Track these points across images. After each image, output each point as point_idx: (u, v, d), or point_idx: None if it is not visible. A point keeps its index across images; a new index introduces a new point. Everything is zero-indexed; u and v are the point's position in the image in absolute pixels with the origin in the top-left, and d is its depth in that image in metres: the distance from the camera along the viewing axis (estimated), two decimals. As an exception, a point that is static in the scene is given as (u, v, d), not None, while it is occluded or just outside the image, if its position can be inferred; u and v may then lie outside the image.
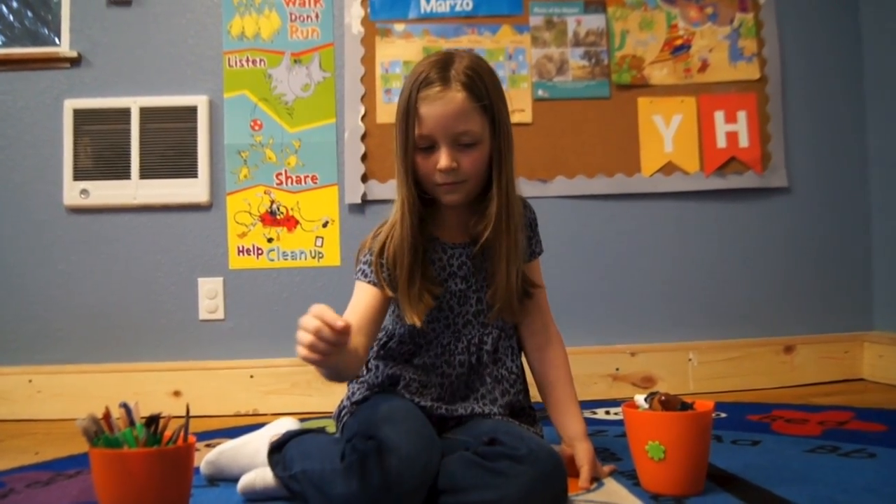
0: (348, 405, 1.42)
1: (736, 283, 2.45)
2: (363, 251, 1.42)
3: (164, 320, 2.35)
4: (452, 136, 1.31)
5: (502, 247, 1.37)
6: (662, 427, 1.23)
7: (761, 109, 2.45)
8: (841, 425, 1.75)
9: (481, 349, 1.42)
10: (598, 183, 2.40)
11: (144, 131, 2.33)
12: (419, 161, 1.34)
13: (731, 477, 1.35)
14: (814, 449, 1.53)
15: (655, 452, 1.23)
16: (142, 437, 1.11)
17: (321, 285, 2.37)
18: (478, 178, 1.36)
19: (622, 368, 2.36)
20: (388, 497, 1.11)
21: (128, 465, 1.07)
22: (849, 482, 1.28)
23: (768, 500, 1.20)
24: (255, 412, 2.27)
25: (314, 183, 2.36)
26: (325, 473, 1.17)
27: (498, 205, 1.36)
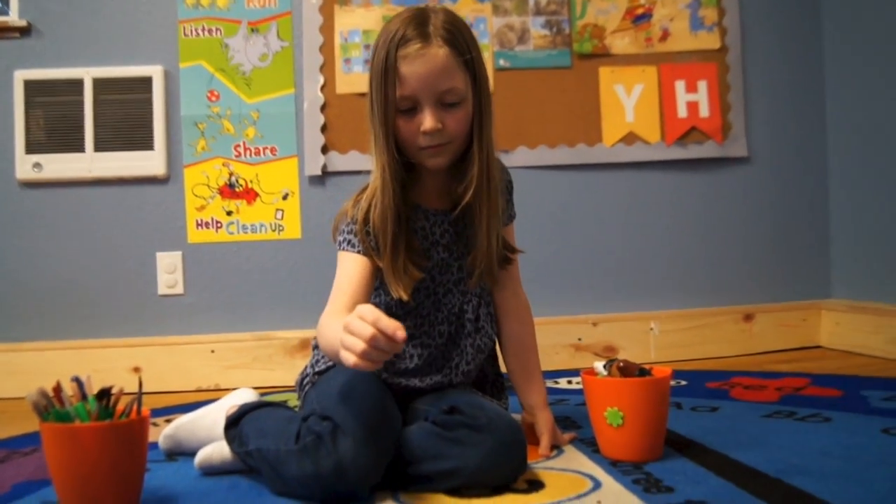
0: (311, 374, 1.38)
1: (697, 253, 2.47)
2: (343, 220, 1.35)
3: (123, 296, 2.31)
4: (437, 95, 1.25)
5: (483, 210, 1.32)
6: (620, 393, 1.23)
7: (722, 79, 2.46)
8: (798, 391, 1.78)
9: (462, 317, 1.38)
10: (560, 153, 2.40)
11: (98, 103, 2.28)
12: (400, 124, 1.27)
13: (689, 442, 1.36)
14: (771, 414, 1.56)
15: (614, 419, 1.23)
16: (94, 411, 1.09)
17: (282, 259, 2.34)
18: (462, 138, 1.30)
19: (584, 338, 2.37)
20: (342, 480, 1.09)
21: (79, 439, 1.05)
22: (804, 445, 1.30)
23: (725, 464, 1.21)
24: (216, 387, 2.24)
25: (273, 155, 2.33)
26: (279, 454, 1.16)
27: (479, 166, 1.30)
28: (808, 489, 1.06)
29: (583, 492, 1.11)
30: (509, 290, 1.47)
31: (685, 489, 1.09)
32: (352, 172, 2.33)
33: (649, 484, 1.13)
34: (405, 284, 1.29)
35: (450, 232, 1.37)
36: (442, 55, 1.24)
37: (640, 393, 1.23)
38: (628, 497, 1.08)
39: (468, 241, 1.37)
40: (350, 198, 1.36)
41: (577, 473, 1.21)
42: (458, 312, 1.38)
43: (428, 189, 1.37)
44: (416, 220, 1.35)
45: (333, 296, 1.29)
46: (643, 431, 1.24)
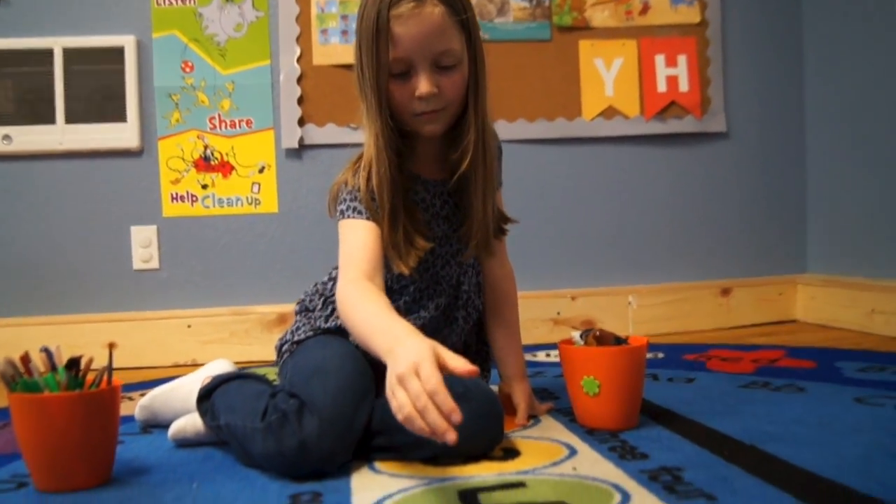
0: (290, 341, 1.36)
1: (675, 227, 2.48)
2: (343, 189, 1.28)
3: (97, 271, 2.28)
4: (432, 57, 1.18)
5: (479, 178, 1.27)
6: (597, 362, 1.23)
7: (701, 54, 2.45)
8: (773, 363, 1.79)
9: (459, 290, 1.35)
10: (539, 127, 2.39)
11: (69, 73, 2.24)
12: (393, 89, 1.21)
13: (665, 411, 1.36)
14: (746, 385, 1.57)
15: (590, 387, 1.24)
16: (63, 381, 1.08)
17: (259, 232, 2.32)
18: (457, 103, 1.24)
19: (563, 312, 2.38)
20: (306, 460, 1.08)
21: (48, 409, 1.04)
22: (778, 414, 1.31)
23: (701, 432, 1.22)
24: (193, 362, 2.23)
25: (249, 127, 2.30)
26: (246, 430, 1.14)
27: (475, 132, 1.25)
28: (782, 455, 1.07)
29: (558, 459, 1.11)
30: (497, 259, 1.45)
31: (660, 456, 1.10)
32: (329, 146, 2.31)
33: (625, 451, 1.13)
34: (407, 259, 1.23)
35: (449, 203, 1.33)
36: (437, 14, 1.17)
37: (616, 361, 1.23)
38: (604, 464, 1.08)
39: (465, 212, 1.32)
40: (344, 168, 1.30)
41: (553, 441, 1.21)
42: (455, 285, 1.36)
43: (423, 158, 1.31)
44: (416, 192, 1.30)
45: (347, 264, 1.22)
46: (619, 400, 1.24)
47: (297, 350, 1.32)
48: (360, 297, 1.13)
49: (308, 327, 1.35)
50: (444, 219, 1.33)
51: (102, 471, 1.09)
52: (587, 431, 1.26)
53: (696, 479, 0.99)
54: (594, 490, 0.98)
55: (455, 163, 1.27)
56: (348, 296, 1.16)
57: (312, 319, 1.37)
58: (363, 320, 1.09)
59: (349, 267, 1.20)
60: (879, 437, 1.14)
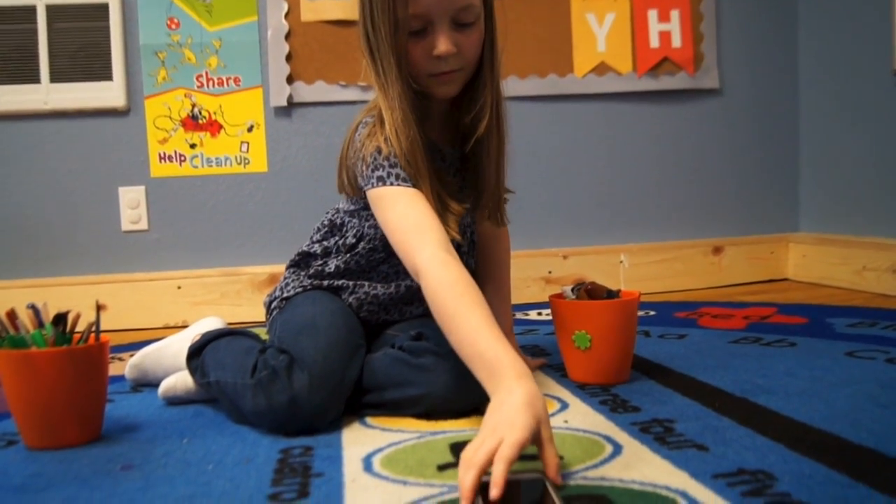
0: (279, 297, 1.34)
1: (667, 186, 2.47)
2: (375, 156, 1.17)
3: (85, 232, 2.26)
4: (452, 13, 1.12)
5: (493, 144, 1.23)
6: (588, 316, 1.23)
7: (694, 8, 2.43)
8: (764, 319, 1.80)
9: (460, 250, 1.29)
10: (531, 84, 2.37)
11: (52, 31, 2.20)
12: (409, 48, 1.14)
13: (656, 366, 1.37)
14: (738, 340, 1.57)
15: (581, 342, 1.23)
16: (50, 337, 1.07)
17: (248, 192, 2.31)
18: (474, 64, 1.18)
19: (555, 271, 2.38)
20: (296, 416, 1.07)
21: (35, 365, 1.03)
22: (769, 368, 1.32)
23: (692, 385, 1.22)
24: (183, 324, 2.22)
25: (237, 85, 2.27)
26: (236, 387, 1.14)
27: (492, 94, 1.19)
28: (772, 406, 1.08)
29: (550, 413, 1.11)
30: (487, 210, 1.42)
31: (651, 408, 1.10)
32: (319, 103, 2.28)
33: (616, 404, 1.13)
34: (449, 223, 1.16)
35: (460, 171, 1.29)
36: None
37: (607, 315, 1.23)
38: (595, 416, 1.08)
39: (473, 179, 1.28)
40: (363, 131, 1.21)
41: (545, 396, 1.20)
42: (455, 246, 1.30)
43: (435, 123, 1.26)
44: (435, 159, 1.24)
45: (420, 235, 1.10)
46: (610, 354, 1.24)
47: (287, 306, 1.31)
48: (462, 294, 1.03)
49: (297, 283, 1.34)
50: (457, 187, 1.29)
51: (92, 427, 1.09)
52: (578, 386, 1.26)
53: (688, 430, 1.00)
54: (586, 441, 0.98)
55: (468, 127, 1.22)
56: (443, 283, 1.05)
57: (301, 277, 1.35)
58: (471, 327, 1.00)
59: (425, 239, 1.10)
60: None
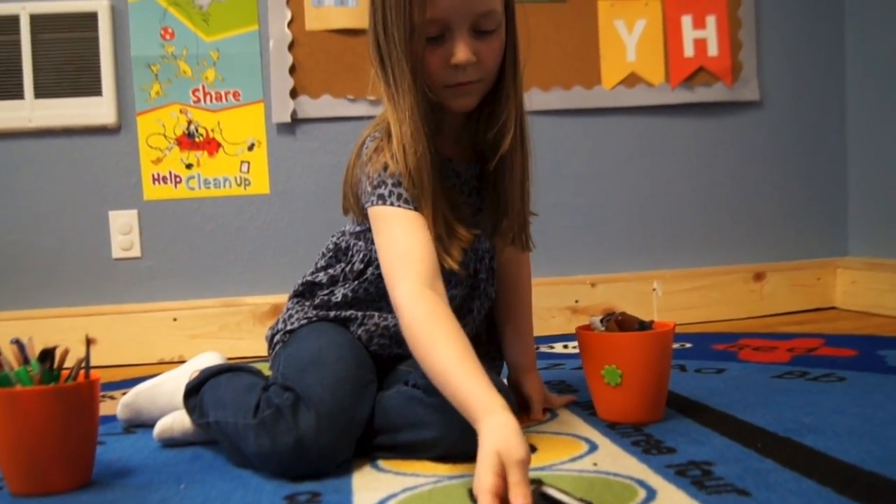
0: (282, 331, 1.35)
1: (703, 207, 2.48)
2: (380, 173, 1.18)
3: (73, 260, 2.29)
4: (472, 19, 1.13)
5: (517, 159, 1.24)
6: (619, 349, 1.23)
7: (732, 14, 2.45)
8: (810, 352, 1.80)
9: (476, 278, 1.33)
10: (555, 96, 2.39)
11: (37, 43, 2.25)
12: (423, 54, 1.15)
13: (692, 403, 1.37)
14: (781, 375, 1.57)
15: (612, 377, 1.24)
16: (37, 374, 1.08)
17: (249, 216, 2.33)
18: (494, 75, 1.20)
19: (582, 300, 2.38)
20: (303, 457, 1.08)
21: (21, 405, 1.04)
22: (816, 405, 1.31)
23: (731, 424, 1.22)
24: (180, 359, 2.23)
25: (236, 100, 2.31)
26: (238, 427, 1.15)
27: (516, 108, 1.20)
28: (820, 447, 1.08)
29: (577, 454, 1.12)
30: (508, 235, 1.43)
31: (688, 449, 1.10)
32: (325, 119, 2.31)
33: (649, 445, 1.14)
34: (453, 250, 1.18)
35: (475, 191, 1.31)
36: None
37: (639, 348, 1.23)
38: (627, 459, 1.09)
39: (497, 197, 1.29)
40: (370, 146, 1.22)
41: (572, 436, 1.22)
42: (472, 274, 1.32)
43: (447, 138, 1.27)
44: (447, 178, 1.26)
45: (404, 266, 1.13)
46: (643, 390, 1.24)
47: (291, 340, 1.32)
48: (434, 329, 1.07)
49: (301, 315, 1.34)
50: (470, 207, 1.31)
51: (81, 472, 1.10)
52: (608, 425, 1.26)
53: (728, 473, 1.00)
54: (617, 486, 0.99)
55: (490, 143, 1.23)
56: (416, 318, 1.08)
57: (306, 307, 1.36)
58: (442, 365, 1.04)
59: (408, 271, 1.12)
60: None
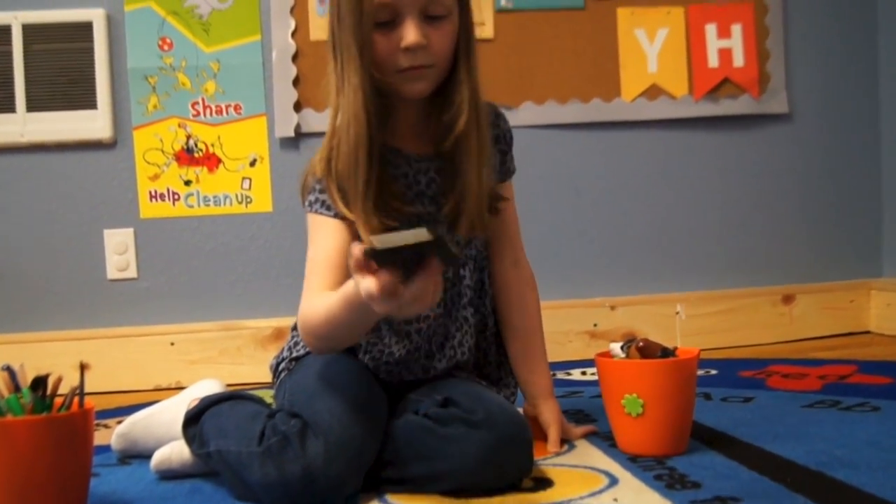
0: (287, 358, 1.38)
1: (729, 225, 2.48)
2: (310, 175, 1.32)
3: (66, 281, 2.31)
4: (422, 4, 1.22)
5: (473, 143, 1.29)
6: (640, 377, 1.24)
7: (759, 22, 2.46)
8: (843, 379, 1.80)
9: (460, 284, 1.37)
10: (572, 109, 2.40)
11: (30, 54, 2.27)
12: (375, 40, 1.23)
13: (718, 434, 1.37)
14: (812, 404, 1.57)
15: (633, 407, 1.24)
16: (28, 403, 1.09)
17: (251, 235, 2.35)
18: (446, 61, 1.28)
19: (601, 324, 2.39)
20: (311, 489, 1.09)
21: (12, 435, 1.05)
22: (849, 436, 1.31)
23: (760, 457, 1.22)
24: (177, 385, 2.24)
25: (238, 113, 2.33)
26: (241, 456, 1.16)
27: (469, 93, 1.28)
28: (853, 482, 1.07)
29: (597, 489, 1.12)
30: (508, 258, 1.46)
31: (714, 484, 1.10)
32: (330, 133, 2.33)
33: (673, 479, 1.14)
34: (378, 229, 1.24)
35: (436, 181, 1.35)
36: None
37: (662, 376, 1.24)
38: (649, 494, 1.09)
39: (455, 185, 1.33)
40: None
41: (591, 470, 1.22)
42: (452, 279, 1.36)
43: (402, 128, 1.34)
44: (396, 167, 1.32)
45: (312, 275, 1.27)
46: (666, 421, 1.25)
47: (297, 367, 1.34)
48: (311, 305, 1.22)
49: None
50: (431, 199, 1.34)
51: (75, 506, 1.10)
52: (629, 458, 1.26)
53: (756, 510, 1.00)
54: (637, 523, 0.99)
55: (445, 127, 1.30)
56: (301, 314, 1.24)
57: None
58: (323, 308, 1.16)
59: (313, 279, 1.26)
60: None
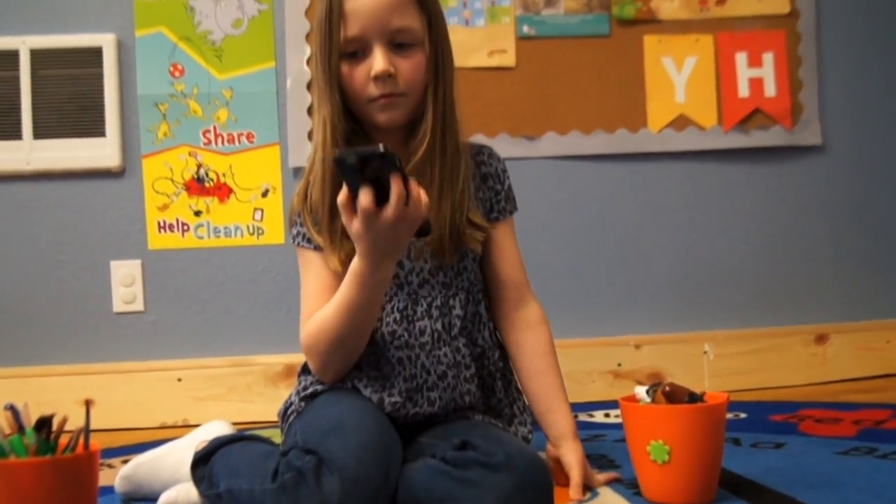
0: (296, 401, 1.40)
1: (759, 261, 2.48)
2: (292, 209, 1.45)
3: (71, 313, 2.33)
4: (388, 33, 1.32)
5: (436, 168, 1.37)
6: (667, 422, 1.24)
7: (791, 51, 2.47)
8: (879, 424, 1.79)
9: (450, 314, 1.40)
10: (596, 140, 2.42)
11: (37, 79, 2.30)
12: (346, 71, 1.34)
13: (748, 483, 1.36)
14: (847, 451, 1.56)
15: (658, 454, 1.24)
16: (32, 445, 1.09)
17: (262, 268, 2.37)
18: (418, 91, 1.37)
19: (625, 364, 2.39)
20: None
21: (16, 477, 1.05)
22: (886, 486, 1.30)
23: (791, 507, 1.22)
24: (184, 423, 2.26)
25: (250, 142, 2.35)
26: (253, 494, 1.17)
27: (434, 119, 1.36)
28: (891, 536, 1.07)
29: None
30: (511, 298, 1.48)
31: (742, 536, 1.10)
32: (344, 163, 2.34)
33: (699, 531, 1.14)
34: (342, 251, 1.34)
35: None
36: None
37: (689, 422, 1.24)
38: (674, 546, 1.09)
39: None
40: None
41: (613, 519, 1.22)
42: (440, 307, 1.40)
43: None
44: None
45: (304, 307, 1.40)
46: (693, 469, 1.24)
47: (306, 408, 1.36)
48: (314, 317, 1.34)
49: (317, 383, 1.40)
50: None
51: (79, 550, 1.11)
52: (655, 507, 1.26)
53: (787, 564, 1.00)
54: (663, 577, 0.99)
55: (410, 155, 1.37)
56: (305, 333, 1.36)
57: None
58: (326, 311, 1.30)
59: (306, 311, 1.39)
60: None
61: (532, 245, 1.59)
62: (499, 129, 2.38)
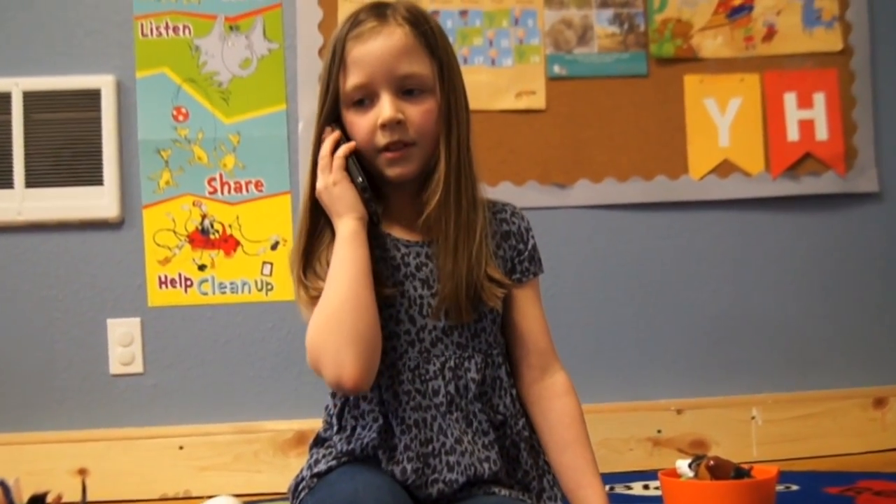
0: (307, 476, 1.44)
1: (811, 318, 2.54)
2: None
3: (64, 376, 2.39)
4: (396, 80, 1.37)
5: (451, 221, 1.41)
6: (712, 500, 1.32)
7: (844, 91, 2.54)
8: (944, 498, 1.84)
9: (465, 376, 1.43)
10: (633, 188, 2.49)
11: (30, 123, 2.39)
12: (353, 120, 1.39)
13: (800, 564, 1.44)
14: (909, 527, 1.63)
15: (703, 533, 1.34)
16: (24, 525, 1.17)
17: (271, 326, 2.44)
18: (429, 140, 1.40)
19: (665, 430, 2.44)
20: None
21: (9, 559, 1.14)
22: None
23: (846, 592, 1.30)
24: (186, 494, 2.33)
25: (259, 191, 2.43)
26: None
27: (447, 169, 1.40)
28: None
29: None
30: (535, 367, 1.52)
31: None
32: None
33: None
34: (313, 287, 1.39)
35: (428, 266, 1.46)
36: (400, 33, 1.37)
37: (736, 500, 1.31)
38: None
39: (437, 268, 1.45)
40: None
41: None
42: (454, 368, 1.43)
43: (398, 215, 1.47)
44: (385, 250, 1.45)
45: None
46: (740, 549, 1.32)
47: (318, 485, 1.40)
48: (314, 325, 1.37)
49: (331, 456, 1.45)
50: (422, 281, 1.45)
51: None
52: (699, 589, 1.34)
53: None
54: None
55: (422, 206, 1.42)
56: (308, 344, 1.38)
57: (331, 448, 1.47)
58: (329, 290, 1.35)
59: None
60: None
61: (564, 301, 1.54)
62: (527, 177, 2.45)
